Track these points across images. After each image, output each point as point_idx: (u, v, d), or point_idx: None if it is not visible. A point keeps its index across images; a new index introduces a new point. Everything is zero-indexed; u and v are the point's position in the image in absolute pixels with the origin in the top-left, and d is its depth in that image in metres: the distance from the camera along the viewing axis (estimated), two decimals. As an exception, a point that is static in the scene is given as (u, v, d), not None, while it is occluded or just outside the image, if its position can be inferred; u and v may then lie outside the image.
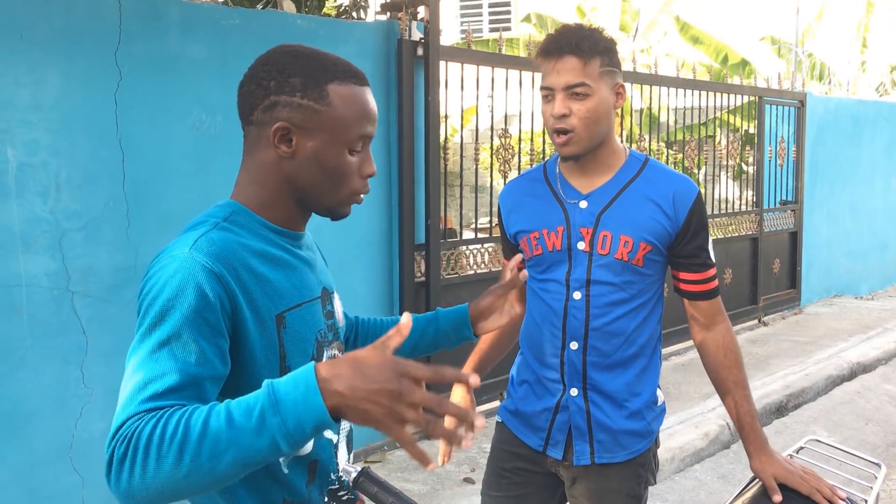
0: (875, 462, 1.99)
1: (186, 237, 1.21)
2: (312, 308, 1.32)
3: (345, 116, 1.26)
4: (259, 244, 1.26)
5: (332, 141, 1.26)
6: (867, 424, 4.98)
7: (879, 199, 9.66)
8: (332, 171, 1.27)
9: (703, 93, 6.67)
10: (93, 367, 3.26)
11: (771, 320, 7.52)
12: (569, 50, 1.82)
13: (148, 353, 1.09)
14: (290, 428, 0.99)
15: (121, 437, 1.02)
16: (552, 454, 1.96)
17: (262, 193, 1.29)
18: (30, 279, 3.08)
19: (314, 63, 1.26)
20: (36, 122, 3.07)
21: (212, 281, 1.14)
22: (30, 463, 3.12)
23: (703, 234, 1.92)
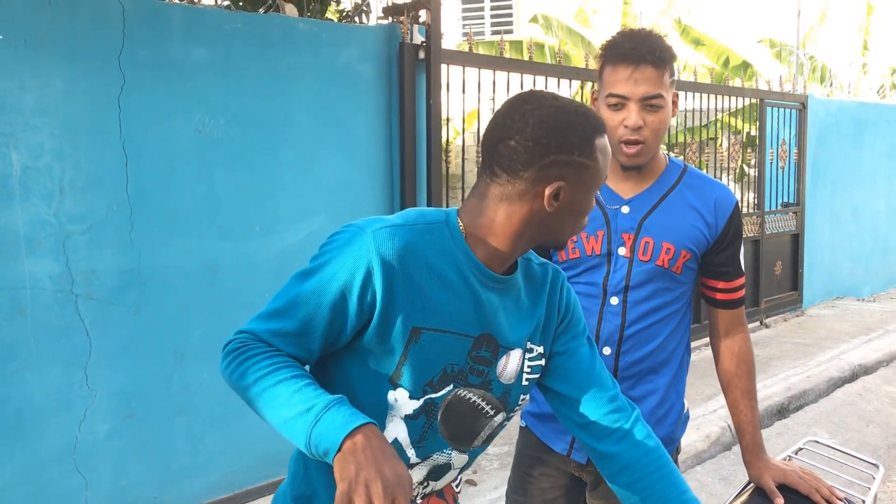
0: (873, 463, 2.01)
1: (383, 219, 1.31)
2: (455, 341, 1.32)
3: (602, 168, 1.34)
4: (441, 261, 1.30)
5: (591, 189, 1.35)
6: (868, 426, 4.99)
7: (881, 202, 9.67)
8: (584, 214, 1.37)
9: (705, 95, 6.69)
10: (96, 369, 3.28)
11: (773, 322, 7.52)
12: (650, 59, 1.78)
13: (296, 293, 1.27)
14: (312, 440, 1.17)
15: (239, 339, 1.28)
16: (576, 458, 1.97)
17: (487, 228, 1.33)
18: (34, 282, 3.10)
19: (582, 119, 1.31)
20: (40, 125, 3.10)
21: (366, 271, 1.25)
22: (35, 464, 3.14)
23: (737, 242, 1.92)
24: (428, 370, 1.31)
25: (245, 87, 3.67)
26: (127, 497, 3.39)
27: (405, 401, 1.31)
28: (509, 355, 1.38)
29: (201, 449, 3.62)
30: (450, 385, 1.33)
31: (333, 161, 4.03)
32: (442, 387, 1.33)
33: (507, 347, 1.37)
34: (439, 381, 1.32)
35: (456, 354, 1.33)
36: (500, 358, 1.37)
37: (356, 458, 1.12)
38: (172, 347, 3.51)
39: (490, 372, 1.36)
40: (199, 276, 3.58)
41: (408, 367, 1.29)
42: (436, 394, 1.33)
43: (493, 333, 1.36)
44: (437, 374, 1.32)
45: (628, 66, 1.79)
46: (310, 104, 3.92)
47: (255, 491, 3.75)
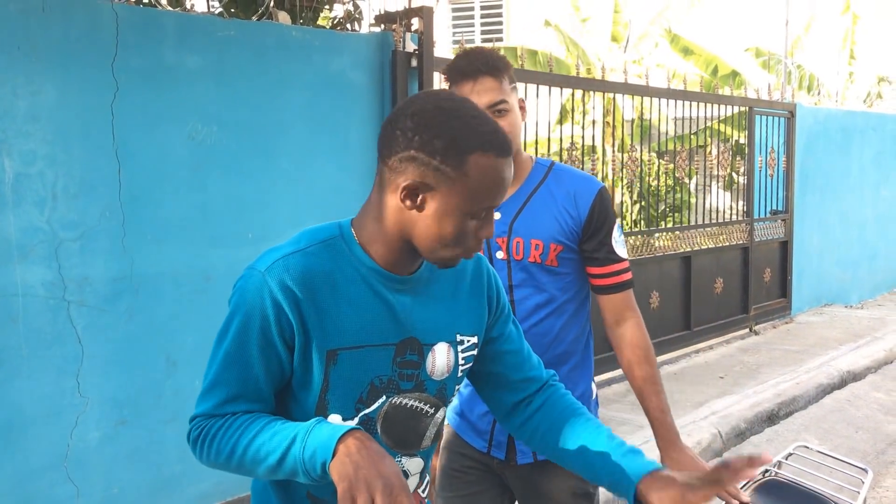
0: (862, 468, 2.03)
1: (276, 251, 1.30)
2: (375, 353, 1.31)
3: (477, 188, 1.23)
4: (342, 277, 1.30)
5: (456, 208, 1.24)
6: (857, 432, 5.02)
7: (869, 209, 9.74)
8: (449, 234, 1.26)
9: (695, 103, 6.73)
10: (88, 377, 3.27)
11: (762, 329, 7.56)
12: (486, 70, 1.89)
13: (221, 354, 1.30)
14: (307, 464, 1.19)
15: (196, 426, 1.32)
16: (496, 455, 2.02)
17: (377, 230, 1.31)
18: (26, 288, 3.09)
19: (463, 128, 1.23)
20: (33, 132, 3.09)
21: (275, 308, 1.25)
22: (25, 472, 3.12)
23: (605, 227, 1.98)
24: (354, 388, 1.31)
25: (238, 94, 3.68)
26: (118, 505, 3.38)
27: (340, 423, 1.30)
28: (434, 351, 1.37)
29: (192, 456, 3.59)
30: (381, 397, 1.34)
31: (326, 168, 4.04)
32: (373, 400, 1.33)
33: (431, 344, 1.37)
34: (369, 395, 1.32)
35: (380, 366, 1.32)
36: (426, 357, 1.37)
37: (352, 459, 1.13)
38: (165, 354, 3.51)
39: (420, 373, 1.37)
40: (192, 283, 3.57)
41: (333, 392, 1.30)
42: (369, 409, 1.33)
43: (415, 334, 1.35)
44: (366, 389, 1.32)
45: (468, 81, 1.90)
46: (303, 111, 3.93)
47: (246, 499, 3.72)
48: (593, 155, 5.90)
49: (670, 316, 6.50)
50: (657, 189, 8.16)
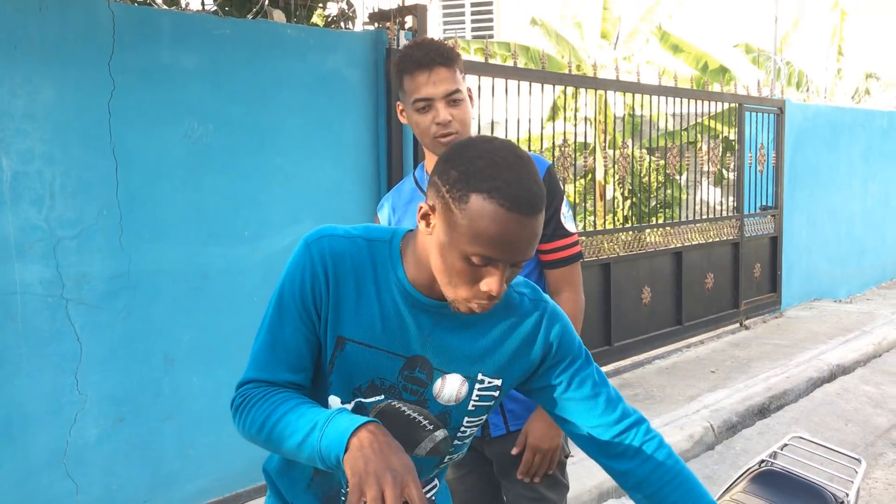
0: (856, 458, 2.08)
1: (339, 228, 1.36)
2: (383, 357, 1.34)
3: (474, 230, 1.19)
4: (372, 279, 1.34)
5: (451, 242, 1.22)
6: (847, 425, 5.08)
7: (857, 204, 9.82)
8: (447, 268, 1.25)
9: (685, 100, 6.78)
10: (87, 374, 3.29)
11: (752, 324, 7.63)
12: (441, 61, 1.96)
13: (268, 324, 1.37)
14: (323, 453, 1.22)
15: (240, 393, 1.36)
16: None
17: (414, 251, 1.35)
18: (24, 287, 3.11)
19: (484, 168, 1.19)
20: (30, 131, 3.10)
21: (312, 274, 1.33)
22: (25, 469, 3.14)
23: (554, 203, 2.05)
24: (354, 378, 1.35)
25: (234, 92, 3.69)
26: (117, 501, 3.40)
27: (338, 405, 1.35)
28: (445, 378, 1.38)
29: (191, 453, 3.63)
30: (380, 395, 1.37)
31: (321, 166, 4.06)
32: (370, 394, 1.36)
33: (443, 371, 1.37)
34: (367, 389, 1.36)
35: (385, 370, 1.35)
36: (434, 380, 1.37)
37: (363, 454, 1.16)
38: (162, 352, 3.52)
39: (426, 392, 1.38)
40: (189, 280, 3.59)
41: (335, 374, 1.35)
42: (365, 399, 1.36)
43: (427, 356, 1.36)
44: (365, 382, 1.36)
45: (424, 71, 1.96)
46: (298, 109, 3.95)
47: (245, 494, 3.76)
48: (585, 151, 5.94)
49: (661, 311, 6.55)
50: (648, 185, 8.20)
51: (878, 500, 4.13)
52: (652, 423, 4.67)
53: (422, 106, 1.97)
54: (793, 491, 1.91)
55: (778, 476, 1.98)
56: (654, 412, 4.95)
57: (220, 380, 3.69)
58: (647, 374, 5.94)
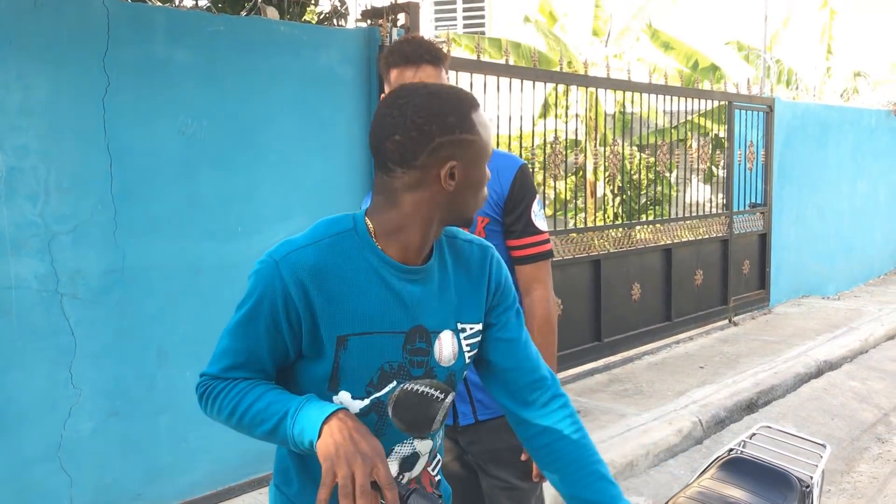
0: (820, 444, 2.15)
1: (293, 242, 1.38)
2: (386, 339, 1.39)
3: (486, 138, 1.41)
4: (352, 267, 1.37)
5: (481, 160, 1.40)
6: (833, 419, 5.15)
7: (846, 202, 9.91)
8: (481, 186, 1.42)
9: (675, 98, 6.83)
10: (81, 368, 3.31)
11: (741, 320, 7.69)
12: (429, 59, 2.03)
13: (233, 326, 1.41)
14: (296, 439, 1.31)
15: (202, 383, 1.44)
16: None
17: (404, 224, 1.39)
18: (20, 281, 3.13)
19: (455, 100, 1.38)
20: (25, 127, 3.12)
21: (283, 297, 1.35)
22: (20, 462, 3.16)
23: (525, 201, 2.11)
24: (364, 372, 1.39)
25: (227, 88, 3.72)
26: (111, 494, 3.43)
27: (349, 401, 1.40)
28: (440, 339, 1.45)
29: (184, 447, 3.66)
30: (392, 382, 1.41)
31: (314, 162, 4.09)
32: (384, 385, 1.40)
33: (437, 332, 1.45)
34: (379, 380, 1.40)
35: (390, 352, 1.40)
36: (434, 345, 1.44)
37: (334, 439, 1.24)
38: (156, 346, 3.55)
39: (430, 360, 1.44)
40: (182, 275, 3.62)
41: (343, 373, 1.39)
42: (379, 392, 1.40)
43: (423, 323, 1.43)
44: (376, 373, 1.39)
45: (412, 66, 2.03)
46: (291, 106, 3.97)
47: (238, 488, 3.79)
48: (576, 148, 5.98)
49: (651, 307, 6.61)
50: (638, 182, 8.26)
51: (863, 493, 4.20)
52: (640, 417, 4.76)
53: None
54: (760, 476, 1.97)
55: (746, 463, 2.04)
56: (644, 407, 5.01)
57: (214, 374, 3.71)
58: (637, 369, 5.99)
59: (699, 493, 1.94)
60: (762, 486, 1.97)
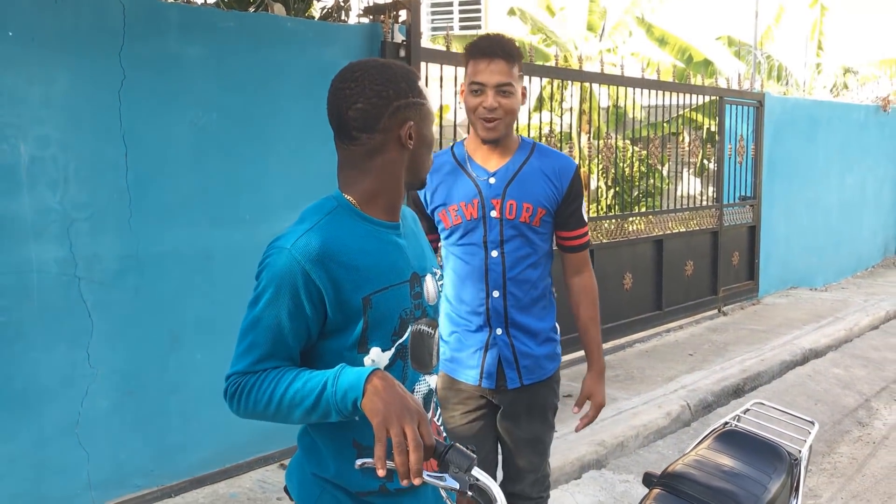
0: (809, 420, 2.32)
1: (294, 231, 1.50)
2: (399, 290, 1.56)
3: (430, 103, 1.60)
4: (353, 236, 1.53)
5: (430, 123, 1.60)
6: (816, 404, 5.34)
7: (834, 196, 10.09)
8: (431, 146, 1.61)
9: (668, 93, 6.99)
10: (98, 349, 3.47)
11: (730, 310, 7.88)
12: (501, 55, 2.28)
13: (253, 321, 1.50)
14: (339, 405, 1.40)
15: (232, 382, 1.51)
16: (486, 385, 2.41)
17: (378, 188, 1.57)
18: (40, 265, 3.28)
19: (402, 69, 1.57)
20: (46, 118, 3.27)
21: (304, 277, 1.47)
22: (40, 438, 3.32)
23: (579, 199, 2.44)
24: (389, 324, 1.55)
25: (237, 82, 3.87)
26: (125, 470, 3.59)
27: (379, 356, 1.55)
28: (426, 281, 1.65)
29: (195, 425, 3.82)
30: (409, 327, 1.59)
31: (319, 154, 4.23)
32: (403, 331, 1.58)
33: (423, 275, 1.64)
34: (400, 327, 1.57)
35: (403, 300, 1.57)
36: (424, 286, 1.64)
37: (381, 397, 1.36)
38: (168, 329, 3.71)
39: (423, 301, 1.63)
40: (193, 261, 3.77)
41: (372, 330, 1.53)
42: (401, 338, 1.58)
43: (415, 269, 1.62)
44: (397, 322, 1.56)
45: (485, 59, 2.28)
46: (297, 99, 4.13)
47: (245, 465, 3.96)
48: (569, 142, 6.14)
49: (643, 297, 6.79)
50: (631, 175, 8.43)
51: (843, 473, 4.39)
52: (631, 401, 4.95)
53: (475, 89, 2.30)
54: (752, 448, 2.14)
55: (739, 435, 2.21)
56: (634, 391, 5.19)
57: (222, 356, 3.82)
58: (628, 356, 6.17)
59: (695, 461, 2.11)
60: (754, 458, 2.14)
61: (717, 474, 2.03)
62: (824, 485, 4.23)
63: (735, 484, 1.99)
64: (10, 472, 3.25)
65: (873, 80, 12.52)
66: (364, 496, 1.59)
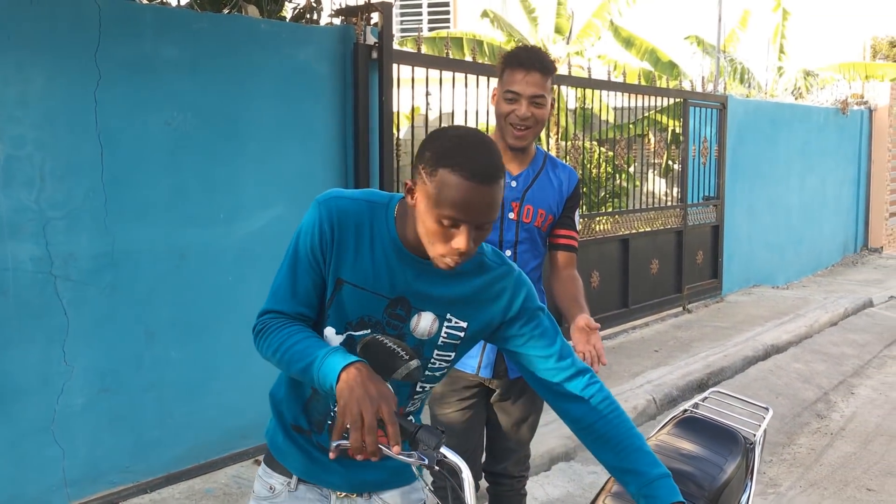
0: (764, 407, 2.44)
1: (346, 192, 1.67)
2: (371, 297, 1.65)
3: (438, 197, 1.49)
4: (369, 234, 1.65)
5: (428, 209, 1.52)
6: (777, 398, 5.50)
7: (795, 196, 10.34)
8: (426, 231, 1.55)
9: (633, 95, 7.14)
10: (73, 347, 3.50)
11: (694, 308, 8.05)
12: (539, 67, 2.41)
13: (284, 264, 1.68)
14: (320, 381, 1.56)
15: (261, 321, 1.68)
16: (484, 374, 2.54)
17: (403, 216, 1.64)
18: (16, 263, 3.31)
19: (451, 149, 1.50)
20: (22, 117, 3.30)
21: (319, 228, 1.64)
22: (17, 435, 3.35)
23: (577, 205, 2.64)
24: (347, 314, 1.67)
25: (211, 83, 3.91)
26: (101, 467, 3.62)
27: (332, 336, 1.68)
28: (420, 315, 1.67)
29: (170, 422, 3.86)
30: (367, 329, 1.68)
31: (292, 154, 4.30)
32: (359, 329, 1.68)
33: (420, 309, 1.67)
34: (357, 324, 1.67)
35: (372, 308, 1.66)
36: (412, 316, 1.69)
37: (348, 384, 1.49)
38: (143, 326, 3.74)
39: (405, 327, 1.69)
40: (168, 260, 3.81)
41: (332, 309, 1.66)
42: (356, 332, 1.68)
43: (408, 297, 1.66)
44: (356, 318, 1.67)
45: (522, 70, 2.42)
46: (271, 100, 4.18)
47: (220, 461, 4.00)
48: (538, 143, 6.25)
49: (609, 294, 6.92)
50: (598, 176, 8.57)
51: (802, 463, 4.54)
52: (599, 395, 5.04)
53: (510, 97, 2.43)
54: (710, 433, 2.26)
55: (698, 421, 2.32)
56: (602, 387, 5.30)
57: (197, 353, 3.93)
58: (596, 353, 6.28)
59: (656, 445, 2.21)
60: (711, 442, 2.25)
61: (676, 457, 2.14)
62: (784, 474, 4.38)
63: (693, 466, 2.10)
64: (-14, 469, 3.27)
65: (832, 83, 12.82)
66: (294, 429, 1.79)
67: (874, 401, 5.70)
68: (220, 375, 4.02)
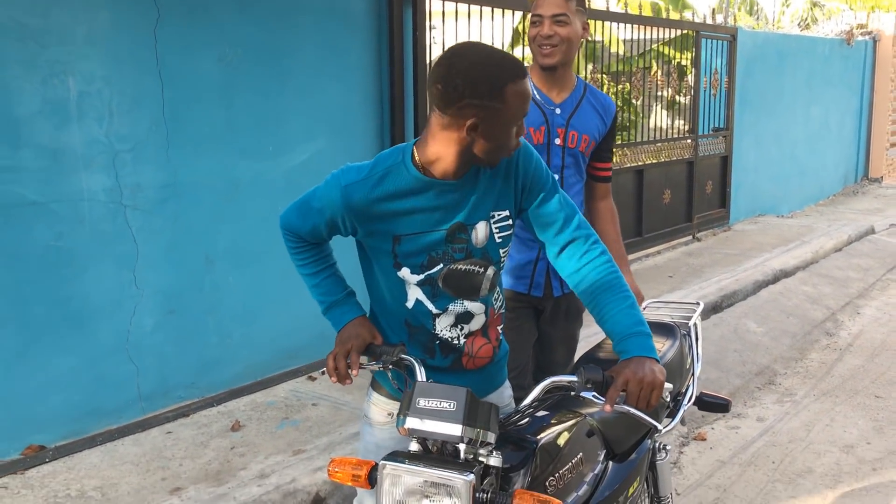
0: (694, 302, 2.81)
1: (359, 171, 1.82)
2: (431, 237, 1.83)
3: (516, 110, 1.69)
4: (402, 192, 1.80)
5: (506, 127, 1.70)
6: (789, 318, 5.80)
7: (800, 128, 10.52)
8: (502, 144, 1.74)
9: (646, 27, 7.26)
10: (143, 272, 3.74)
11: (703, 236, 8.32)
12: None
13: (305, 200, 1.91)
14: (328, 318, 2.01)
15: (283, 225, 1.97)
16: (535, 293, 2.76)
17: (439, 155, 1.77)
18: (91, 195, 3.53)
19: (495, 70, 1.66)
20: (91, 54, 3.48)
21: (330, 209, 1.84)
22: (95, 354, 3.61)
23: (614, 135, 2.82)
24: (416, 259, 1.86)
25: (258, 20, 4.07)
26: (169, 383, 3.90)
27: (408, 275, 1.88)
28: (476, 228, 1.85)
29: (229, 342, 4.13)
30: (439, 264, 1.87)
31: (333, 88, 4.48)
32: (432, 266, 1.86)
33: (474, 224, 1.85)
34: (428, 263, 1.86)
35: (434, 245, 1.83)
36: (471, 233, 1.86)
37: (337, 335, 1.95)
38: (203, 254, 3.98)
39: (468, 245, 1.88)
40: (223, 190, 4.03)
41: (401, 259, 1.84)
42: (430, 270, 1.87)
43: (461, 220, 1.83)
44: (425, 259, 1.85)
45: None
46: (313, 36, 4.35)
47: (276, 378, 4.29)
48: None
49: (624, 224, 7.12)
50: (610, 108, 8.70)
51: (814, 375, 4.86)
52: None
53: (534, 21, 2.60)
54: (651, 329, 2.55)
55: None
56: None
57: (251, 279, 4.18)
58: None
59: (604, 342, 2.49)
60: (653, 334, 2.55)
61: None
62: (798, 384, 4.69)
63: None
64: (72, 385, 3.54)
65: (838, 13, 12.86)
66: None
67: (878, 319, 6.00)
68: (273, 300, 4.27)
